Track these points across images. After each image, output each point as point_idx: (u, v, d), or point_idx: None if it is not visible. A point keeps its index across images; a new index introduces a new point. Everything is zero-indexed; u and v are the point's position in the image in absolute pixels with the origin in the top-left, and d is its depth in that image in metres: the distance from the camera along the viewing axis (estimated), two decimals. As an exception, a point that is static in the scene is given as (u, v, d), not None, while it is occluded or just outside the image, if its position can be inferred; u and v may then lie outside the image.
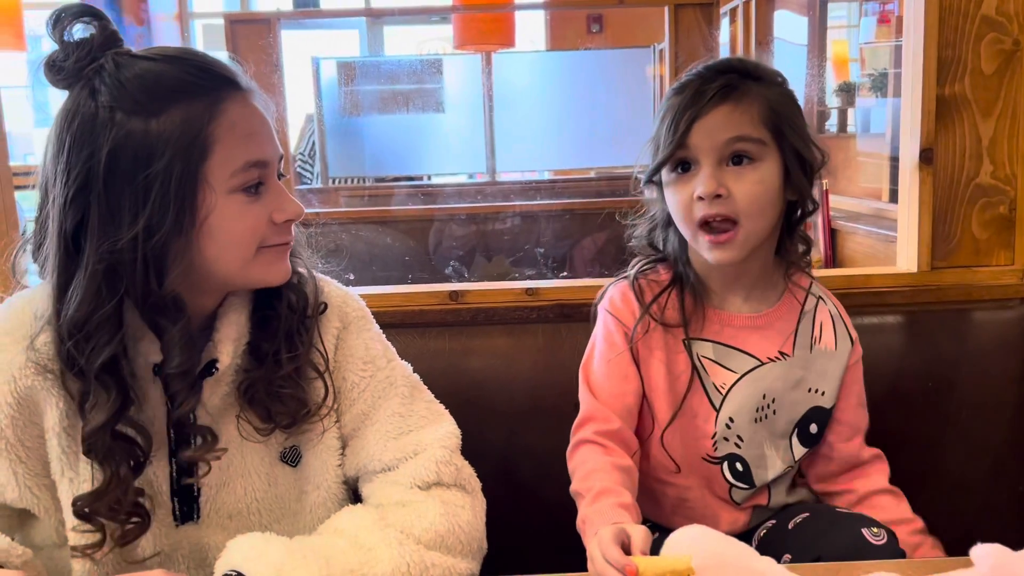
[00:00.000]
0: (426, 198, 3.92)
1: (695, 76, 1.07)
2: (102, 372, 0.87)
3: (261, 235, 0.91)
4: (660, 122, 1.08)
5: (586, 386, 1.14)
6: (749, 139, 1.04)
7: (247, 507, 0.99)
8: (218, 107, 0.88)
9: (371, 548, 0.91)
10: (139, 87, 0.86)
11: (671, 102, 1.07)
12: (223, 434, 0.96)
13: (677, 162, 1.06)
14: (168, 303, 0.88)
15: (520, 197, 3.73)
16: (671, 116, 1.06)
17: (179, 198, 0.85)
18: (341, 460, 1.02)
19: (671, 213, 1.10)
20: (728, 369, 1.13)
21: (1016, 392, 1.36)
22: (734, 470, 1.15)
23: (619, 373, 1.12)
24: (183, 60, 0.89)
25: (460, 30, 4.20)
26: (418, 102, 4.58)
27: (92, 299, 0.85)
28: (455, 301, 1.36)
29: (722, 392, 1.13)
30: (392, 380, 1.03)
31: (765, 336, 1.14)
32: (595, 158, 4.80)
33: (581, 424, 1.12)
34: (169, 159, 0.85)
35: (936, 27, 1.34)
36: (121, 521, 0.90)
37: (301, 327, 0.98)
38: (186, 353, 0.89)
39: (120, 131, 0.84)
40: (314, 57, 4.49)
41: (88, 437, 0.88)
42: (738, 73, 1.06)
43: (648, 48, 4.37)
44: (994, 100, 1.36)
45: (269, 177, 0.92)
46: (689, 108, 1.03)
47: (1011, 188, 1.38)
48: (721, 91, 1.04)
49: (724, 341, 1.13)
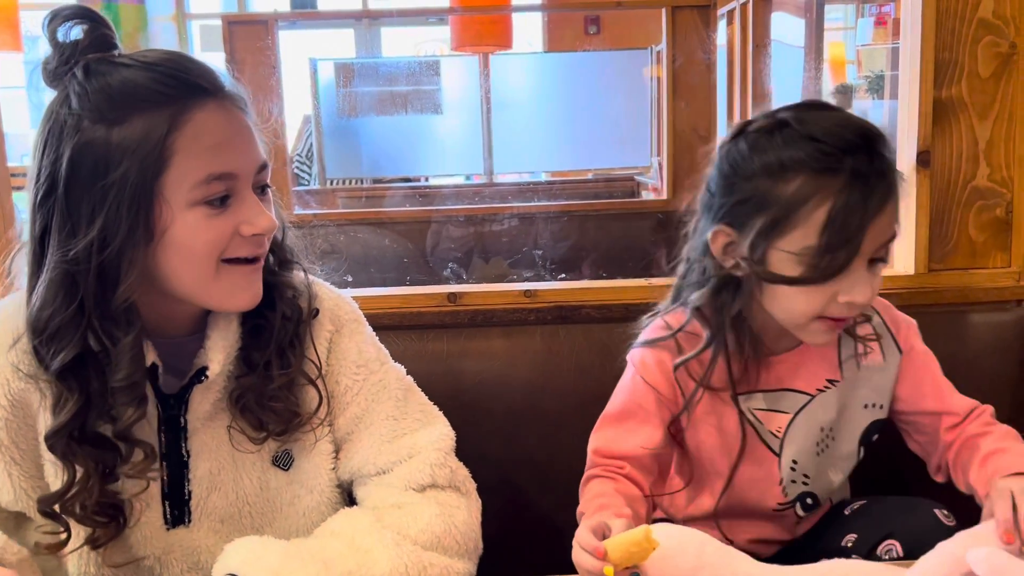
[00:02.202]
0: (424, 199, 3.92)
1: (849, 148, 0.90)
2: (64, 374, 0.87)
3: (222, 248, 0.89)
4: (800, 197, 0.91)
5: (601, 434, 1.08)
6: (893, 239, 0.94)
7: (239, 511, 0.98)
8: (182, 117, 0.85)
9: (368, 550, 0.90)
10: (103, 96, 0.85)
11: (824, 184, 0.90)
12: (214, 440, 0.96)
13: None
14: (120, 314, 0.87)
15: (518, 198, 3.73)
16: (837, 213, 0.89)
17: (133, 209, 0.84)
18: (334, 464, 1.02)
19: (780, 307, 0.97)
20: (781, 412, 1.07)
21: (1012, 393, 1.36)
22: (804, 505, 1.12)
23: (640, 438, 1.05)
24: (156, 67, 0.87)
25: (458, 31, 4.21)
26: (416, 103, 4.58)
27: (51, 304, 0.85)
28: (453, 303, 1.36)
29: (779, 436, 1.07)
30: (385, 383, 1.03)
31: (810, 368, 1.07)
32: (592, 160, 4.80)
33: (591, 466, 1.08)
34: (125, 169, 0.83)
35: (933, 30, 1.35)
36: (92, 523, 0.90)
37: (295, 339, 0.97)
38: (133, 366, 0.87)
39: (82, 138, 0.84)
40: (311, 58, 4.49)
41: (48, 437, 0.88)
42: (884, 146, 0.92)
43: (646, 50, 4.37)
44: (991, 103, 1.37)
45: (239, 189, 0.89)
46: (860, 206, 0.88)
47: (1008, 191, 1.39)
48: (888, 174, 0.91)
49: (772, 387, 1.07)
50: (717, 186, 0.99)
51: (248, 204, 0.90)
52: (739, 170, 0.96)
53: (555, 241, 3.03)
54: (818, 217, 0.90)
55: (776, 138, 0.94)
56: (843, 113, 0.96)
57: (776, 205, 0.92)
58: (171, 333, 0.94)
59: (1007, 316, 1.38)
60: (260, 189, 0.92)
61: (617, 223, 3.19)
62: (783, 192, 0.92)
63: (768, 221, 0.93)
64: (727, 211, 0.97)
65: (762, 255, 0.95)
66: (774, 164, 0.93)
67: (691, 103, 3.14)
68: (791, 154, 0.92)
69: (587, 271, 2.88)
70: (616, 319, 1.34)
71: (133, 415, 0.89)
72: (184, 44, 5.22)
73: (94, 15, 0.89)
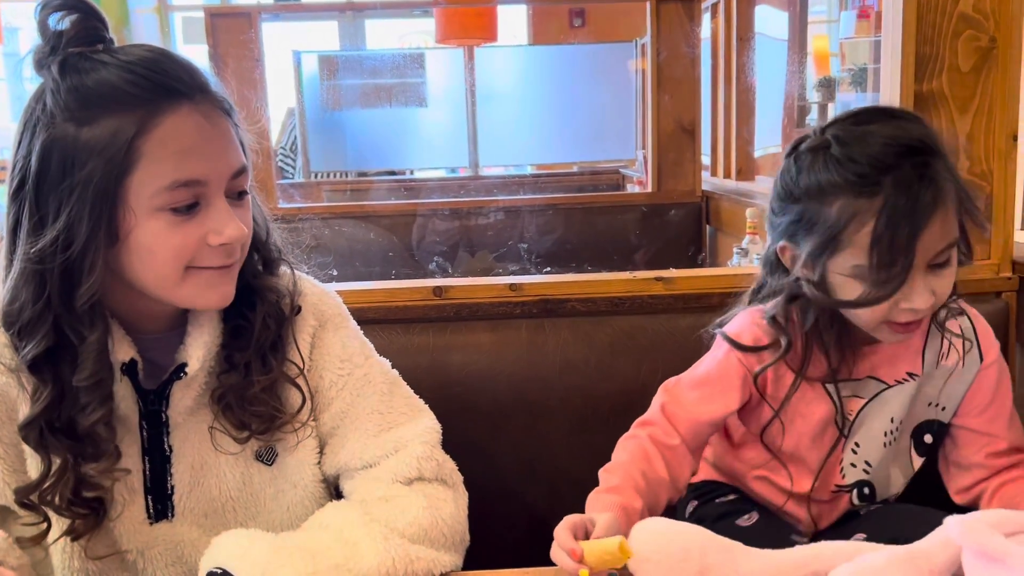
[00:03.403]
0: (409, 193, 3.91)
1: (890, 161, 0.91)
2: (38, 366, 0.86)
3: (189, 257, 0.87)
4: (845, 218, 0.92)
5: (664, 397, 1.07)
6: (953, 243, 0.94)
7: (222, 505, 0.98)
8: (152, 120, 0.83)
9: (356, 543, 0.91)
10: (76, 94, 0.83)
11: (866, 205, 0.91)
12: (195, 435, 0.96)
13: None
14: (84, 313, 0.86)
15: (503, 192, 3.73)
16: (881, 234, 0.90)
17: (95, 211, 0.83)
18: (318, 459, 1.01)
19: (850, 312, 0.99)
20: (857, 397, 1.08)
21: (992, 385, 1.38)
22: (861, 494, 1.12)
23: (714, 405, 1.06)
24: (133, 67, 0.85)
25: (442, 24, 4.20)
26: (400, 96, 4.56)
27: (19, 297, 0.85)
28: (439, 297, 1.36)
29: (849, 418, 1.08)
30: (370, 377, 1.02)
31: (893, 358, 1.07)
32: (578, 153, 4.81)
33: (642, 424, 1.07)
34: (90, 170, 0.82)
35: (914, 24, 1.36)
36: (71, 514, 0.90)
37: (276, 342, 0.96)
38: (98, 364, 0.87)
39: (52, 135, 0.83)
40: (295, 51, 4.47)
41: (22, 427, 0.88)
42: (932, 154, 0.92)
43: (630, 43, 4.38)
44: (971, 97, 1.37)
45: (209, 196, 0.87)
46: (904, 224, 0.89)
47: (987, 184, 1.40)
48: (936, 183, 0.91)
49: (856, 376, 1.08)
50: (775, 204, 1.02)
51: (217, 212, 0.87)
52: (790, 190, 0.98)
53: (540, 234, 3.03)
54: (863, 238, 0.92)
55: (819, 159, 0.95)
56: (890, 127, 0.95)
57: (822, 227, 0.94)
58: (150, 328, 0.94)
59: (987, 308, 1.39)
60: (236, 195, 0.90)
61: (602, 216, 3.20)
62: (828, 215, 0.93)
63: (819, 243, 0.95)
64: (784, 229, 1.00)
65: (821, 275, 0.97)
66: (815, 187, 0.95)
67: (675, 96, 3.15)
68: (829, 177, 0.94)
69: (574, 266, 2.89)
70: (601, 312, 1.35)
71: (98, 413, 0.88)
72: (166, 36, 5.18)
73: (85, 6, 0.87)
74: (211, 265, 0.89)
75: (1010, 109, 1.37)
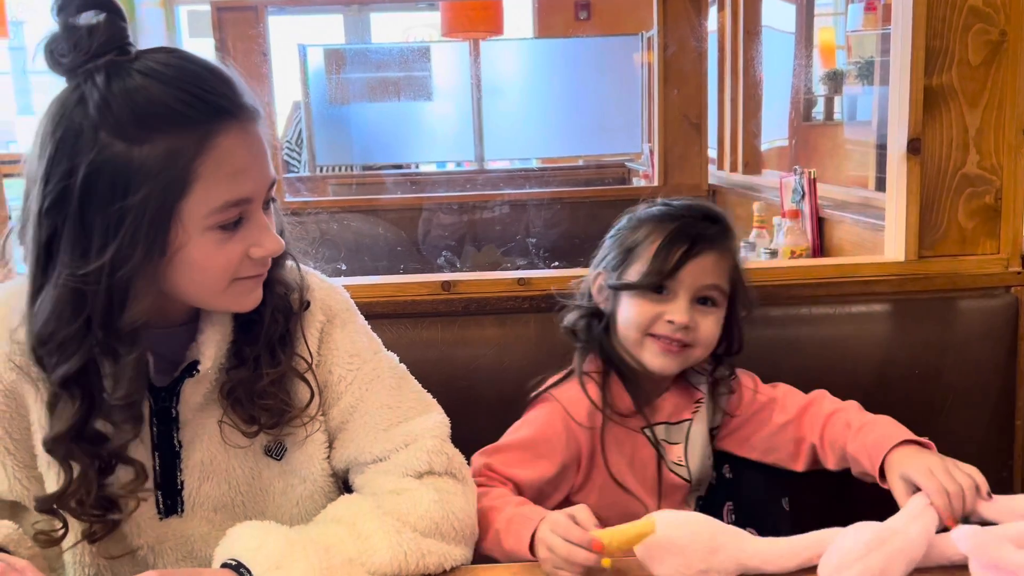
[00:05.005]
0: (415, 187, 3.91)
1: (688, 215, 1.16)
2: (68, 383, 0.85)
3: (234, 270, 0.88)
4: (642, 238, 1.15)
5: (486, 459, 1.13)
6: (719, 288, 1.14)
7: (232, 500, 0.98)
8: (208, 142, 0.82)
9: (369, 536, 0.91)
10: (127, 109, 0.81)
11: (660, 229, 1.14)
12: (205, 431, 0.96)
13: (656, 285, 1.13)
14: (125, 335, 0.85)
15: (509, 185, 3.73)
16: (663, 245, 1.13)
17: (150, 234, 0.82)
18: (328, 453, 1.02)
19: (621, 318, 1.15)
20: (673, 443, 1.19)
21: (1001, 379, 1.37)
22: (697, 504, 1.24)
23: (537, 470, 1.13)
24: (180, 82, 0.83)
25: (448, 17, 4.20)
26: (406, 90, 4.56)
27: (57, 318, 0.83)
28: (447, 291, 1.36)
29: (683, 464, 1.19)
30: (379, 372, 1.03)
31: (680, 396, 1.21)
32: (583, 146, 4.80)
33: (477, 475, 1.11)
34: (146, 194, 0.81)
35: (924, 18, 1.35)
36: (89, 519, 0.90)
37: (285, 335, 0.96)
38: (134, 386, 0.86)
39: (101, 154, 0.80)
40: (300, 44, 4.46)
41: (48, 443, 0.87)
42: (722, 226, 1.17)
43: (636, 36, 4.37)
44: (981, 90, 1.37)
45: (252, 212, 0.88)
46: (683, 245, 1.12)
47: (997, 178, 1.39)
48: (714, 239, 1.14)
49: (667, 420, 1.19)
50: (606, 248, 1.22)
51: (258, 226, 0.88)
52: (617, 234, 1.21)
53: (546, 228, 3.03)
54: (651, 250, 1.14)
55: (642, 209, 1.21)
56: (703, 201, 1.23)
57: (627, 243, 1.17)
58: (159, 324, 0.94)
59: (996, 302, 1.39)
60: (265, 204, 0.91)
61: (608, 210, 3.18)
62: (635, 236, 1.17)
63: (620, 253, 1.17)
64: (601, 258, 1.21)
65: (617, 280, 1.16)
66: (634, 221, 1.20)
67: (682, 89, 3.14)
68: (647, 212, 1.20)
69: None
70: (609, 307, 1.35)
71: (130, 433, 0.88)
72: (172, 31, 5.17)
73: (111, 4, 0.84)
74: (250, 275, 0.90)
75: (1020, 103, 1.37)
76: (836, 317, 1.38)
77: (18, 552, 0.89)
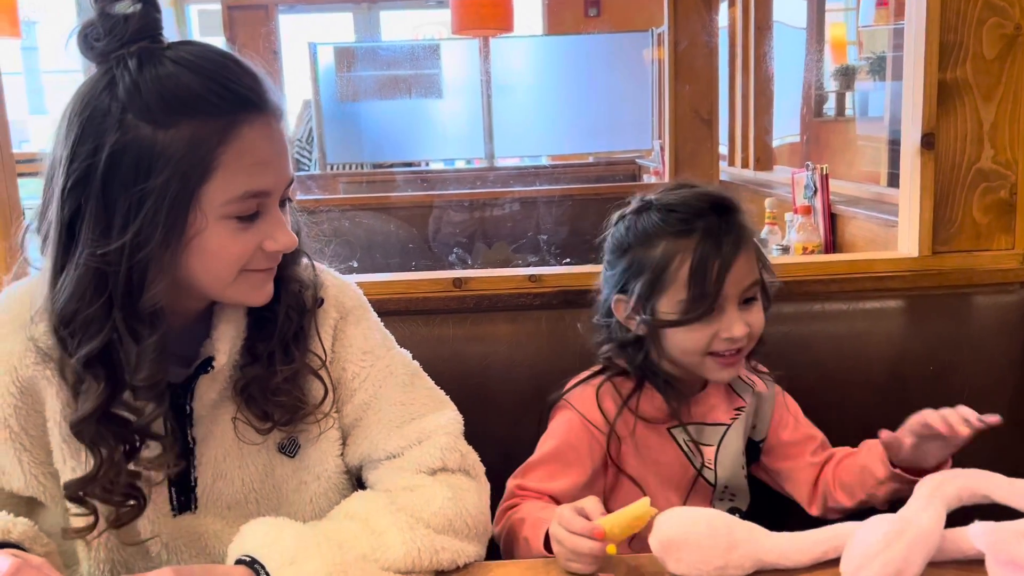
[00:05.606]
0: (425, 184, 3.91)
1: (698, 216, 1.07)
2: (91, 363, 0.86)
3: (246, 261, 0.89)
4: (665, 260, 1.07)
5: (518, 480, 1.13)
6: (757, 281, 1.10)
7: (245, 497, 0.99)
8: (232, 131, 0.84)
9: (383, 532, 0.91)
10: (155, 94, 0.83)
11: (682, 246, 1.06)
12: (218, 427, 0.97)
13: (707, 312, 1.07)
14: (146, 315, 0.86)
15: (519, 183, 3.73)
16: (697, 268, 1.05)
17: (170, 218, 0.83)
18: (341, 450, 1.02)
19: (675, 348, 1.10)
20: (707, 445, 1.17)
21: (1016, 375, 1.36)
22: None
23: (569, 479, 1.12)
24: (210, 72, 0.85)
25: (458, 14, 4.19)
26: (416, 87, 4.57)
27: (79, 298, 0.85)
28: (459, 288, 1.37)
29: (711, 468, 1.17)
30: (392, 369, 1.03)
31: (720, 399, 1.19)
32: (594, 143, 4.80)
33: (509, 497, 1.12)
34: (168, 177, 0.82)
35: (938, 11, 1.34)
36: (116, 503, 0.90)
37: (299, 332, 0.97)
38: (156, 367, 0.87)
39: (127, 135, 0.82)
40: (311, 43, 4.47)
41: (75, 424, 0.88)
42: (733, 210, 1.10)
43: (647, 32, 4.36)
44: (995, 85, 1.36)
45: (269, 206, 0.89)
46: (715, 259, 1.05)
47: (1012, 173, 1.39)
48: (735, 232, 1.08)
49: (695, 420, 1.17)
50: (608, 258, 1.16)
51: (274, 220, 0.90)
52: (621, 243, 1.13)
53: (557, 225, 3.03)
54: (683, 274, 1.06)
55: (643, 214, 1.12)
56: (699, 188, 1.13)
57: (649, 269, 1.09)
58: (174, 320, 0.94)
59: (1011, 298, 1.38)
60: (281, 202, 0.92)
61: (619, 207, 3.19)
62: (653, 257, 1.09)
63: (646, 283, 1.09)
64: (617, 279, 1.13)
65: (650, 313, 1.10)
66: (642, 235, 1.11)
67: (693, 85, 3.13)
68: (653, 225, 1.10)
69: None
70: (621, 303, 1.35)
71: (153, 412, 0.89)
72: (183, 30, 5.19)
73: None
74: (260, 268, 0.91)
75: (1035, 97, 1.36)
76: (849, 313, 1.37)
77: (33, 549, 0.89)
